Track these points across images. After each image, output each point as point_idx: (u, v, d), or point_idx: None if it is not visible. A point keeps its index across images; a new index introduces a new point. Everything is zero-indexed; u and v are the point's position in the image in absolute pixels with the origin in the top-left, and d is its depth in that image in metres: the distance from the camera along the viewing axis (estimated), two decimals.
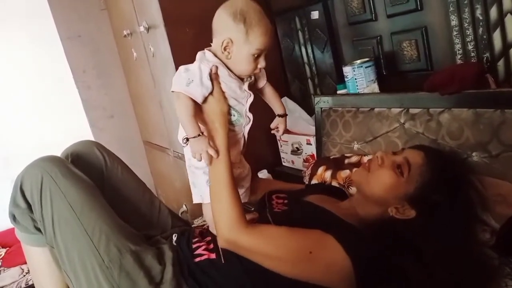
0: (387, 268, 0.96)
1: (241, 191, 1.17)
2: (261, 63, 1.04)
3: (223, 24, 1.00)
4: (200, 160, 1.01)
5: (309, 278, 0.95)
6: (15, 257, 2.26)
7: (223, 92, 1.05)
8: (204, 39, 1.09)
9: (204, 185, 1.09)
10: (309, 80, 1.99)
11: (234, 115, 1.09)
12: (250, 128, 1.16)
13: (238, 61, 1.03)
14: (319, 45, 1.86)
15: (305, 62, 1.97)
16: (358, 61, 1.56)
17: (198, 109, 1.03)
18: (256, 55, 1.02)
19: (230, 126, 1.08)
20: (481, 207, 1.05)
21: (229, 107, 1.07)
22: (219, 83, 1.04)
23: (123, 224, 1.14)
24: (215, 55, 1.04)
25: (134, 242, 1.10)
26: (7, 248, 2.37)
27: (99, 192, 1.17)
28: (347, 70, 1.58)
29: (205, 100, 1.02)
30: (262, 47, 1.01)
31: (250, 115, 1.11)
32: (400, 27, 1.50)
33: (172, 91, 1.02)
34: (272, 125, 1.19)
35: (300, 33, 1.94)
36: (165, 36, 1.84)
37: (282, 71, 2.13)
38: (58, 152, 1.30)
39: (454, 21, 1.30)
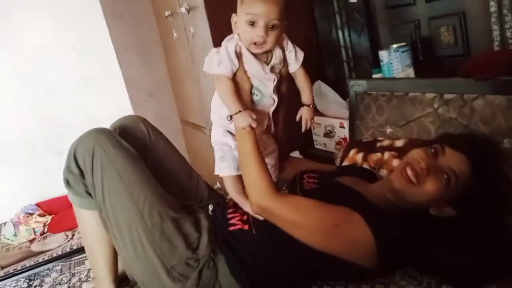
0: (409, 250, 1.00)
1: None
2: (259, 31, 1.03)
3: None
4: (251, 129, 1.08)
5: (332, 250, 1.00)
6: (60, 224, 2.40)
7: (245, 71, 1.11)
8: None
9: (218, 159, 1.18)
10: (345, 64, 2.01)
11: (257, 95, 1.15)
12: (284, 109, 1.22)
13: (241, 33, 1.08)
14: (356, 29, 1.87)
15: (341, 45, 1.99)
16: (395, 46, 1.57)
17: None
18: (250, 22, 1.03)
19: (252, 105, 1.14)
20: (511, 193, 1.07)
21: (252, 86, 1.12)
22: (243, 62, 1.10)
23: (164, 193, 1.23)
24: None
25: (174, 210, 1.19)
26: (53, 216, 2.51)
27: (143, 164, 1.26)
28: (383, 54, 1.59)
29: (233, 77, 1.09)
30: (252, 11, 1.02)
31: (275, 97, 1.16)
32: (438, 12, 1.50)
33: (204, 71, 1.11)
34: (297, 117, 1.21)
35: (337, 16, 1.96)
36: (205, 17, 1.89)
37: (318, 54, 2.15)
38: (100, 126, 1.39)
39: (493, 7, 1.30)
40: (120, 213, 1.15)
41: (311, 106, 1.20)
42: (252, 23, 1.03)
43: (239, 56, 1.10)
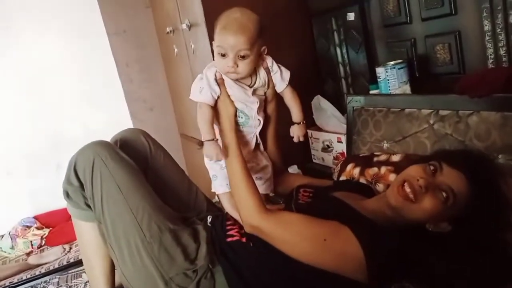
0: (405, 263, 1.00)
1: (260, 182, 1.27)
2: (228, 62, 1.08)
3: None
4: (213, 161, 1.15)
5: (323, 265, 1.00)
6: (57, 237, 2.40)
7: (229, 96, 1.15)
8: None
9: (211, 178, 1.25)
10: (343, 80, 2.03)
11: (241, 117, 1.19)
12: (272, 127, 1.27)
13: (216, 61, 1.13)
14: (353, 46, 1.90)
15: (339, 62, 2.02)
16: (391, 63, 1.60)
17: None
18: (220, 53, 1.08)
19: (238, 127, 1.19)
20: (506, 208, 1.08)
21: (236, 109, 1.16)
22: (225, 88, 1.15)
23: (163, 205, 1.24)
24: None
25: (173, 222, 1.20)
26: (50, 229, 2.52)
27: (143, 176, 1.27)
28: (380, 70, 1.62)
29: (216, 104, 1.14)
30: (221, 43, 1.07)
31: (261, 118, 1.21)
32: (434, 30, 1.54)
33: (190, 99, 1.15)
34: (290, 133, 1.25)
35: (335, 34, 1.99)
36: (205, 34, 1.93)
37: (317, 70, 2.18)
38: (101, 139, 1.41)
39: (487, 26, 1.33)
40: (119, 225, 1.16)
41: (301, 123, 1.23)
42: (223, 55, 1.08)
43: (219, 82, 1.14)
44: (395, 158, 1.42)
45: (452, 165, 1.03)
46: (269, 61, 1.19)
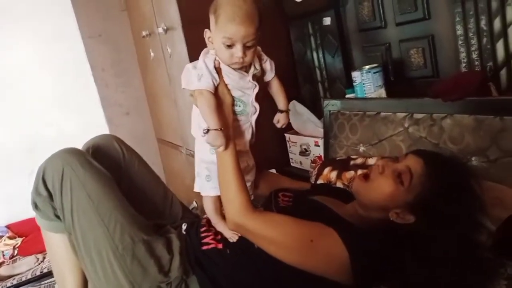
0: (384, 265, 1.00)
1: (248, 184, 1.22)
2: (237, 53, 1.02)
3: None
4: (217, 148, 1.07)
5: (308, 266, 0.99)
6: (30, 246, 2.33)
7: (226, 85, 1.10)
8: None
9: (204, 178, 1.16)
10: (319, 84, 2.04)
11: (239, 106, 1.14)
12: (260, 128, 1.22)
13: (217, 51, 1.07)
14: (330, 50, 1.91)
15: (316, 66, 2.03)
16: (367, 67, 1.61)
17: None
18: (227, 44, 1.02)
19: (235, 117, 1.13)
20: (479, 210, 1.09)
21: (233, 98, 1.12)
22: (222, 76, 1.09)
23: (136, 215, 1.20)
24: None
25: (146, 232, 1.16)
26: (23, 238, 2.44)
27: (115, 185, 1.24)
28: (355, 75, 1.63)
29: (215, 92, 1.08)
30: (228, 35, 1.00)
31: (257, 105, 1.16)
32: (408, 35, 1.55)
33: (183, 88, 1.09)
34: (274, 120, 1.22)
35: (312, 38, 2.00)
36: (182, 38, 1.90)
37: (294, 74, 2.18)
38: (76, 145, 1.36)
39: (459, 31, 1.35)
40: (90, 237, 1.13)
41: (286, 111, 1.21)
42: (229, 46, 1.02)
43: (218, 70, 1.09)
44: (371, 161, 1.43)
45: (415, 153, 1.07)
46: (259, 48, 1.15)
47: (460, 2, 1.32)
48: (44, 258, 2.20)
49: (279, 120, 1.21)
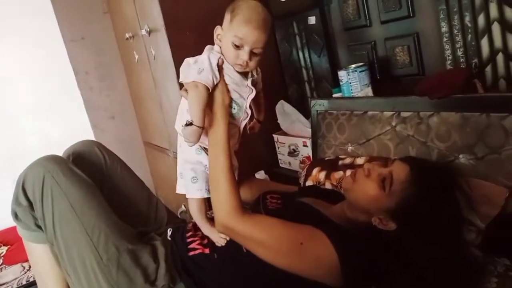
0: (373, 268, 0.99)
1: None
2: (243, 56, 1.03)
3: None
4: (191, 145, 1.07)
5: (298, 269, 0.98)
6: (16, 255, 2.28)
7: (226, 85, 1.08)
8: (204, 43, 1.13)
9: (190, 180, 1.13)
10: (306, 84, 2.03)
11: (234, 108, 1.12)
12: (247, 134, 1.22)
13: (224, 48, 1.06)
14: (315, 50, 1.90)
15: (302, 66, 2.02)
16: (353, 66, 1.60)
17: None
18: (236, 45, 1.02)
19: (230, 119, 1.11)
20: (467, 207, 1.08)
21: (231, 99, 1.10)
22: (223, 75, 1.08)
23: (120, 223, 1.18)
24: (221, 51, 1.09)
25: (131, 241, 1.14)
26: (9, 246, 2.39)
27: (98, 192, 1.21)
28: (342, 74, 1.62)
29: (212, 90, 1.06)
30: (241, 35, 1.01)
31: (249, 111, 1.15)
32: (393, 33, 1.54)
33: (181, 82, 1.07)
34: (249, 126, 1.23)
35: (297, 38, 1.98)
36: (166, 40, 1.88)
37: (280, 74, 2.17)
38: (61, 151, 1.34)
39: (444, 28, 1.34)
40: (73, 247, 1.10)
41: (261, 122, 1.25)
42: (238, 46, 1.03)
43: (220, 69, 1.07)
44: (360, 161, 1.42)
45: (402, 159, 1.07)
46: None
47: None
48: (30, 267, 2.16)
49: (254, 128, 1.24)
